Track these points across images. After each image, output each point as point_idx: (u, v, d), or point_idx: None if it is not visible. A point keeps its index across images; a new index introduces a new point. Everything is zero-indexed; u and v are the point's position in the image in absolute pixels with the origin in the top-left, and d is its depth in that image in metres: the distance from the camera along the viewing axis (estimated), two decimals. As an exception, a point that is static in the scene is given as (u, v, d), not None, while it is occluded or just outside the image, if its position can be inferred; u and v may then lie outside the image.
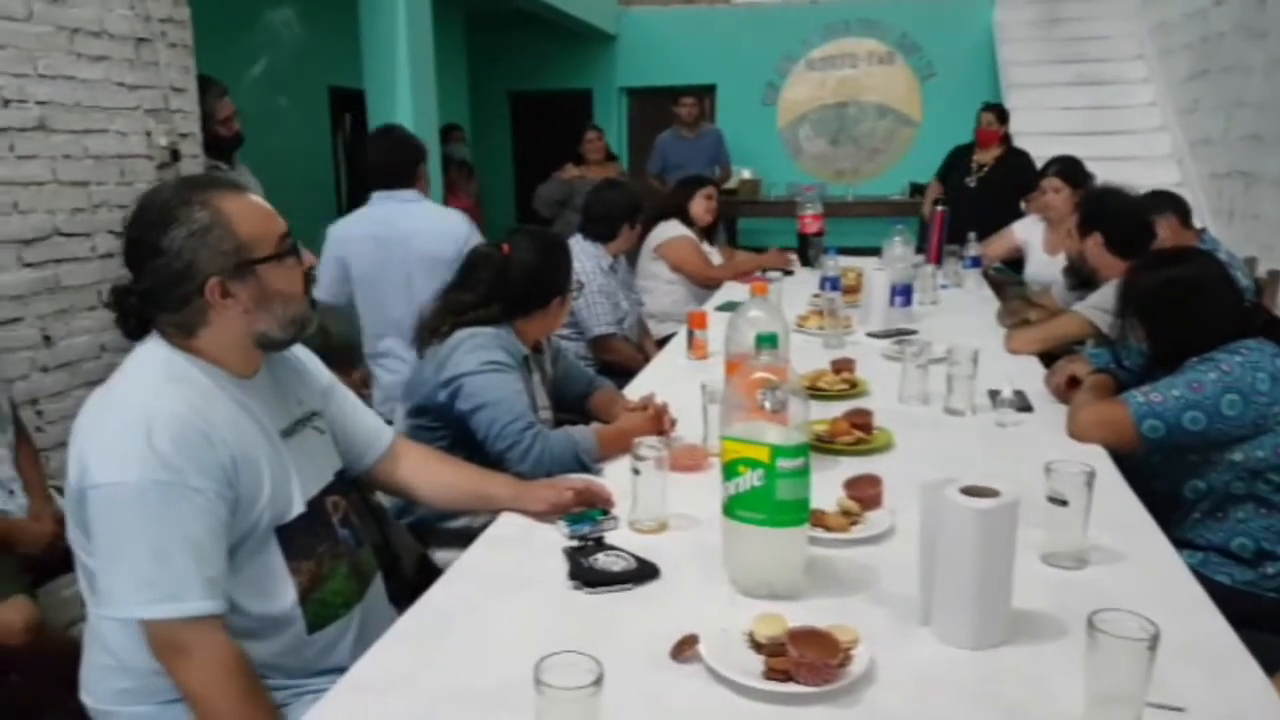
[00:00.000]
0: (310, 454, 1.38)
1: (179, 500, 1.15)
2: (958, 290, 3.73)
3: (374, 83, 5.00)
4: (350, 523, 1.43)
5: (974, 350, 2.09)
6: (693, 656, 1.13)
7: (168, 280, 1.21)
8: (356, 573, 1.41)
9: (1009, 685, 1.10)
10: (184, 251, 1.20)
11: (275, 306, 1.27)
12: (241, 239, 1.23)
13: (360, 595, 1.41)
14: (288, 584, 1.29)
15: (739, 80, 8.58)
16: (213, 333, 1.25)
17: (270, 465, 1.27)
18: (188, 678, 1.16)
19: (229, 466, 1.21)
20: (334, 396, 1.52)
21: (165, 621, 1.15)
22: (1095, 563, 1.39)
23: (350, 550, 1.41)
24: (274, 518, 1.28)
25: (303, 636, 1.30)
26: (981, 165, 4.98)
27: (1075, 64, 6.84)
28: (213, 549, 1.18)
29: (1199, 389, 1.74)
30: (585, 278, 3.18)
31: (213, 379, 1.26)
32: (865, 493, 1.57)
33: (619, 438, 1.80)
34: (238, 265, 1.22)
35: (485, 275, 1.94)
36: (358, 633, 1.37)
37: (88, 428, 1.21)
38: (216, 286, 1.22)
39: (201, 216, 1.21)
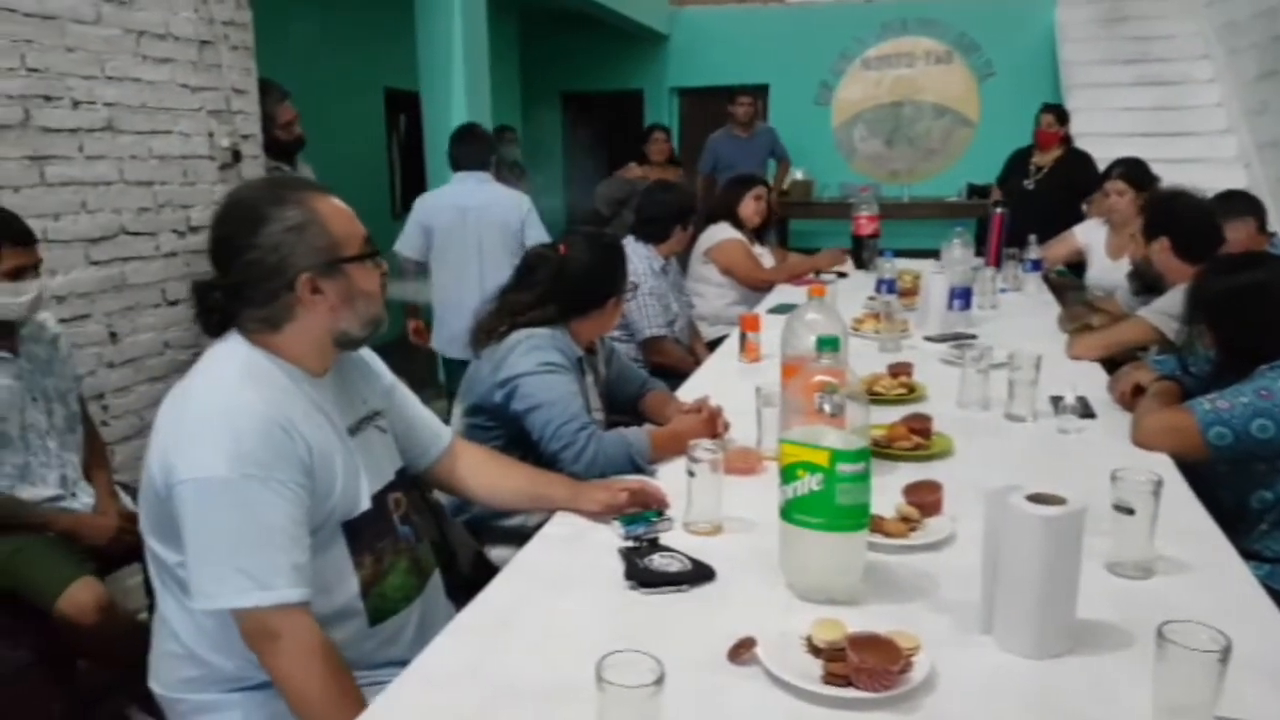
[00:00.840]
0: (374, 452, 1.41)
1: (266, 492, 1.18)
2: (1017, 294, 3.66)
3: (429, 84, 5.07)
4: (410, 519, 1.46)
5: (1036, 356, 2.06)
6: (750, 659, 1.13)
7: (259, 275, 1.24)
8: (416, 568, 1.44)
9: (1072, 696, 1.08)
10: (280, 246, 1.24)
11: (359, 305, 1.31)
12: (334, 237, 1.27)
13: (420, 590, 1.43)
14: (351, 577, 1.31)
15: (792, 80, 8.52)
16: (296, 329, 1.29)
17: (342, 460, 1.31)
18: (277, 662, 1.19)
19: (307, 459, 1.24)
20: (396, 396, 1.55)
21: (256, 610, 1.17)
22: (1161, 572, 1.36)
23: (410, 546, 1.44)
24: (343, 513, 1.31)
25: (364, 629, 1.33)
26: (1040, 167, 4.88)
27: (1139, 64, 6.68)
28: (298, 538, 1.21)
29: (1268, 396, 1.70)
30: (637, 279, 3.18)
31: (289, 376, 1.29)
32: (925, 499, 1.56)
33: (672, 440, 1.80)
34: (329, 263, 1.26)
35: (542, 276, 1.96)
36: (418, 627, 1.39)
37: (170, 426, 1.24)
38: (308, 282, 1.25)
39: (296, 214, 1.25)
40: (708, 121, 7.13)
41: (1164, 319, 2.45)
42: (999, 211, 4.06)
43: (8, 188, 2.55)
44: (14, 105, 2.56)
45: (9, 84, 2.54)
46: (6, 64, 2.53)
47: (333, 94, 5.66)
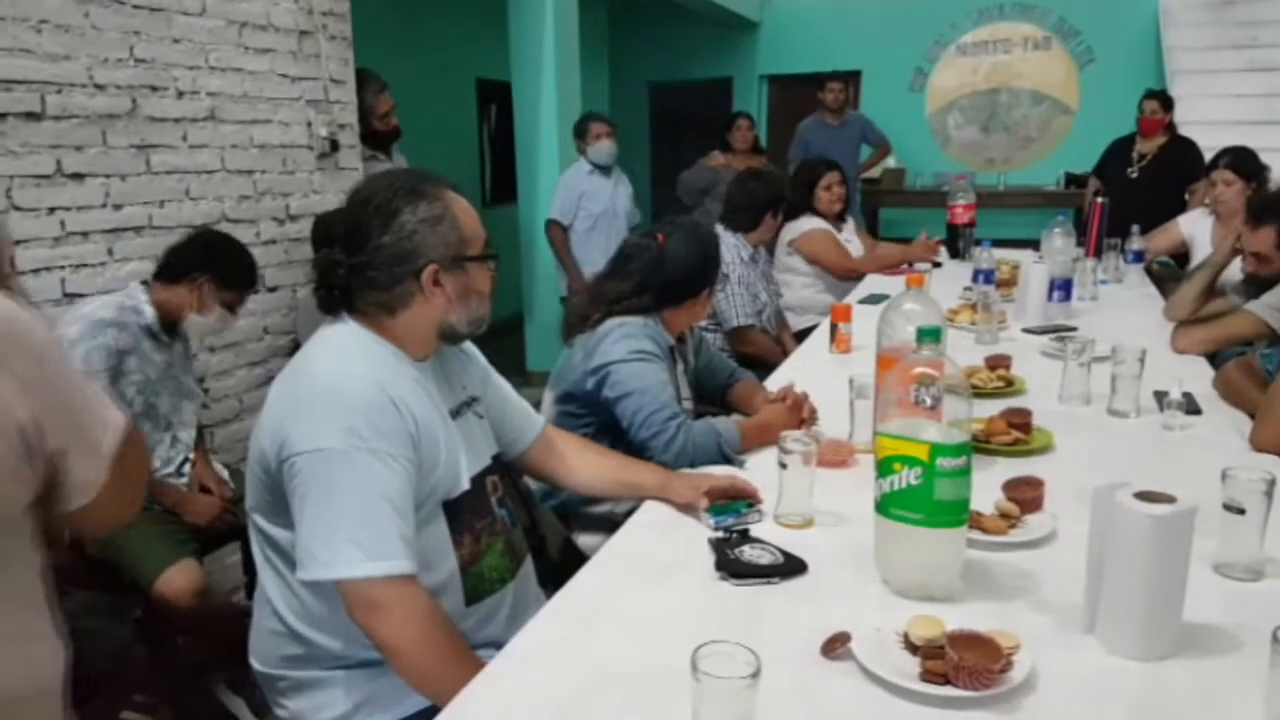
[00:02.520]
0: (472, 436, 1.45)
1: (377, 465, 1.22)
2: (1117, 286, 3.53)
3: (520, 75, 5.14)
4: (506, 503, 1.49)
5: (1141, 349, 1.99)
6: (845, 654, 1.12)
7: (389, 259, 1.29)
8: (511, 551, 1.47)
9: (1178, 699, 1.05)
10: (414, 235, 1.29)
11: (472, 302, 1.36)
12: (463, 234, 1.33)
13: (514, 573, 1.46)
14: (450, 555, 1.35)
15: (886, 66, 8.34)
16: (410, 316, 1.33)
17: (445, 439, 1.35)
18: (389, 632, 1.21)
19: (415, 434, 1.28)
20: (491, 384, 1.59)
21: (367, 580, 1.19)
22: (1272, 575, 1.31)
23: (506, 529, 1.47)
24: (445, 491, 1.35)
25: (461, 608, 1.36)
26: (1144, 155, 4.70)
27: (1248, 49, 6.34)
28: (406, 511, 1.25)
29: None
30: (726, 268, 3.18)
31: (396, 358, 1.34)
32: (1025, 495, 1.52)
33: (761, 430, 1.81)
34: (454, 258, 1.32)
35: (639, 265, 1.98)
36: (511, 609, 1.42)
37: (283, 401, 1.29)
38: (433, 273, 1.30)
39: (434, 207, 1.30)
40: (798, 109, 7.03)
41: (1274, 313, 2.35)
42: (1100, 201, 3.92)
43: (115, 175, 2.66)
44: (123, 95, 2.66)
45: (118, 74, 2.64)
46: (116, 55, 2.63)
47: (426, 84, 5.77)
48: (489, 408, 1.55)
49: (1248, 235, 2.58)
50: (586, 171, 4.70)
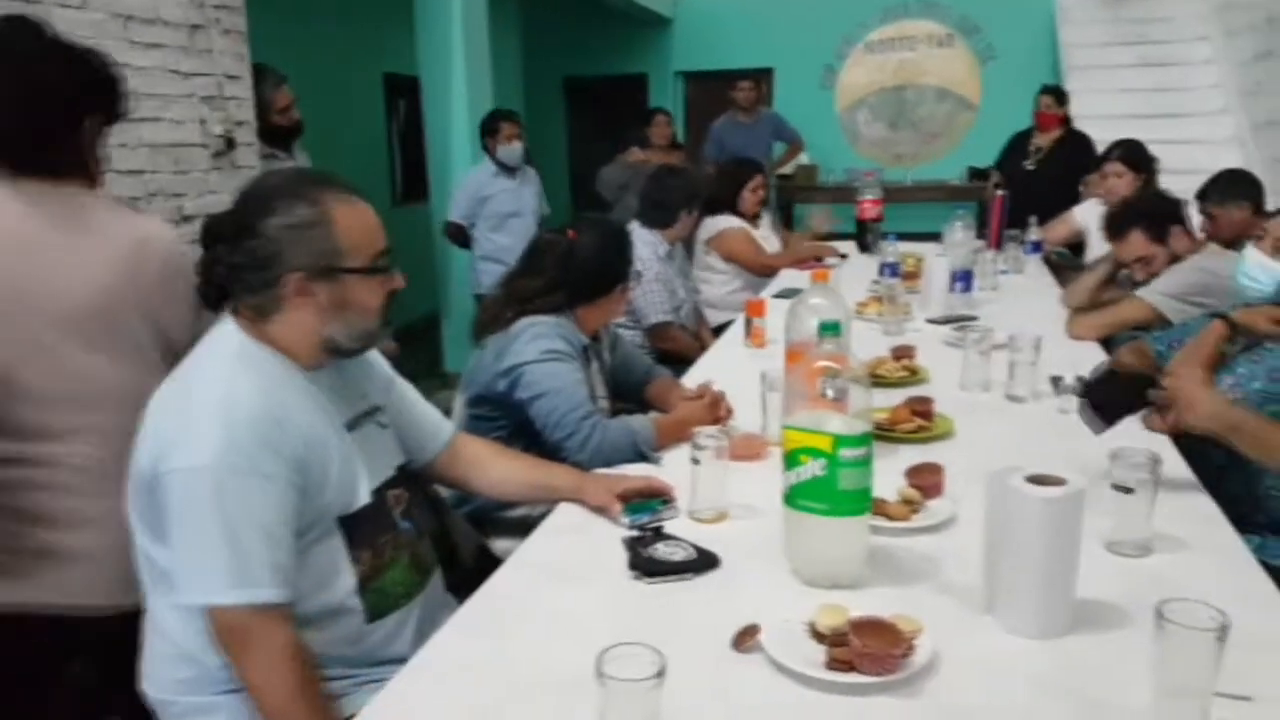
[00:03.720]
0: (373, 448, 1.40)
1: (253, 486, 1.17)
2: (1018, 276, 3.66)
3: (429, 70, 5.05)
4: (411, 514, 1.44)
5: (1037, 337, 2.07)
6: (754, 646, 1.14)
7: (256, 261, 1.24)
8: (417, 564, 1.42)
9: (1074, 675, 1.10)
10: (280, 239, 1.23)
11: (350, 316, 1.29)
12: (338, 244, 1.25)
13: (420, 586, 1.42)
14: (348, 573, 1.30)
15: (796, 64, 8.48)
16: (283, 321, 1.28)
17: (337, 455, 1.30)
18: (247, 665, 1.17)
19: (301, 452, 1.23)
20: (395, 391, 1.54)
21: (232, 608, 1.16)
22: (1160, 550, 1.38)
23: (411, 542, 1.42)
24: (341, 507, 1.30)
25: (362, 625, 1.31)
26: (1040, 148, 4.89)
27: (1138, 45, 6.65)
28: (283, 536, 1.20)
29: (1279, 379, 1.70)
30: (642, 265, 3.17)
31: (283, 367, 1.28)
32: (926, 481, 1.57)
33: (677, 427, 1.81)
34: (325, 268, 1.25)
35: (550, 262, 1.97)
36: (418, 623, 1.38)
37: (163, 413, 1.23)
38: (296, 281, 1.24)
39: (309, 212, 1.24)
40: (714, 105, 7.10)
41: (1164, 299, 2.47)
42: (1000, 194, 4.06)
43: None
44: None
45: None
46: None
47: (330, 79, 5.63)
48: (393, 416, 1.51)
49: (1118, 249, 2.72)
50: (492, 173, 4.62)
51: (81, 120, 1.48)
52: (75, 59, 1.47)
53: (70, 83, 1.46)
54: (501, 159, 4.58)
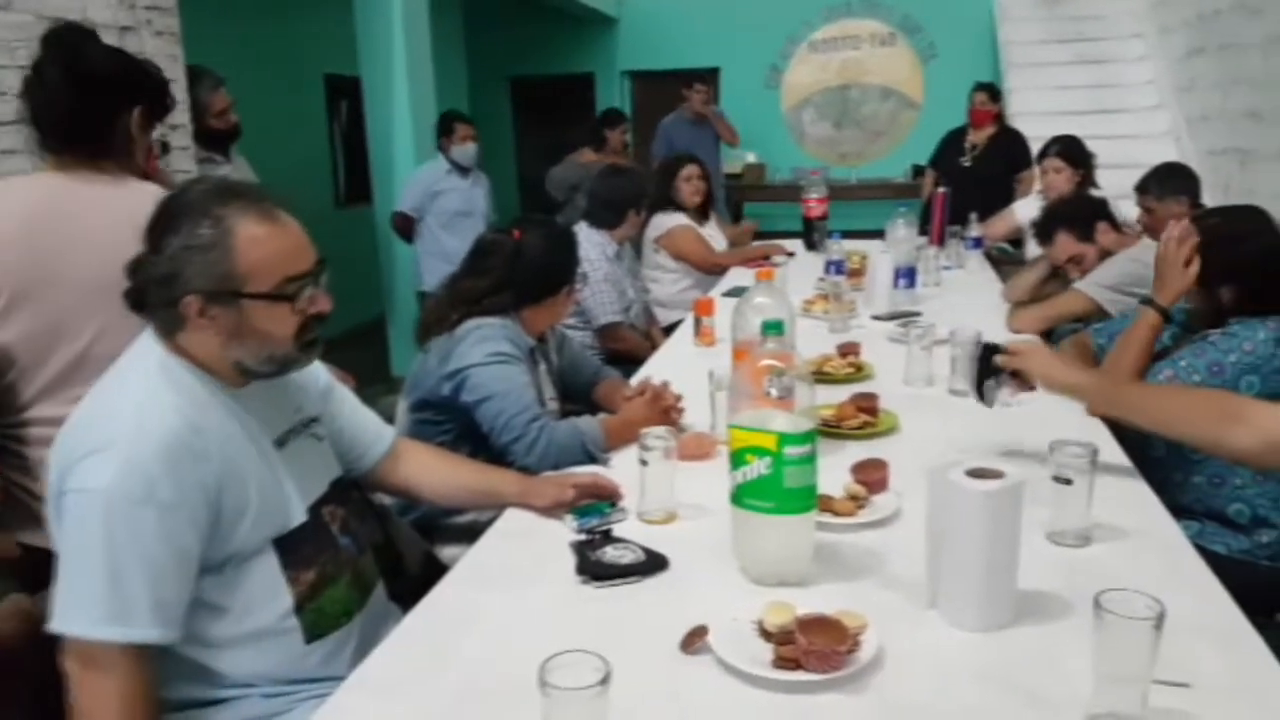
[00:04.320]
0: (307, 463, 1.35)
1: (147, 517, 1.11)
2: (960, 271, 3.72)
3: (370, 70, 4.99)
4: (350, 529, 1.40)
5: (977, 331, 2.09)
6: (703, 647, 1.13)
7: (156, 278, 1.18)
8: (358, 581, 1.38)
9: (1016, 666, 1.11)
10: (174, 260, 1.17)
11: (251, 343, 1.21)
12: (237, 268, 1.17)
13: (362, 604, 1.37)
14: (284, 594, 1.25)
15: (742, 63, 8.53)
16: (189, 340, 1.22)
17: (259, 479, 1.24)
18: (86, 689, 1.11)
19: (211, 485, 1.17)
20: (333, 398, 1.50)
21: (99, 642, 1.10)
22: (1099, 540, 1.40)
23: (352, 558, 1.38)
24: (273, 528, 1.25)
25: (300, 646, 1.27)
26: (975, 145, 4.99)
27: (1075, 43, 6.80)
28: (172, 572, 1.14)
29: (1219, 372, 1.75)
30: (590, 265, 3.18)
31: (205, 385, 1.22)
32: (871, 477, 1.58)
33: (625, 427, 1.80)
34: (222, 292, 1.17)
35: (496, 262, 1.94)
36: (359, 641, 1.33)
37: (76, 423, 1.18)
38: (193, 304, 1.17)
39: (208, 232, 1.17)
40: (661, 105, 7.10)
41: (1101, 290, 2.52)
42: (941, 191, 4.12)
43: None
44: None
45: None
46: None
47: (269, 81, 5.53)
48: (331, 424, 1.46)
49: (1050, 253, 2.79)
50: (445, 170, 4.62)
51: (123, 111, 1.66)
52: (118, 58, 1.69)
53: (112, 77, 1.65)
54: (456, 159, 4.58)
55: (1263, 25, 4.56)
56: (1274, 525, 1.76)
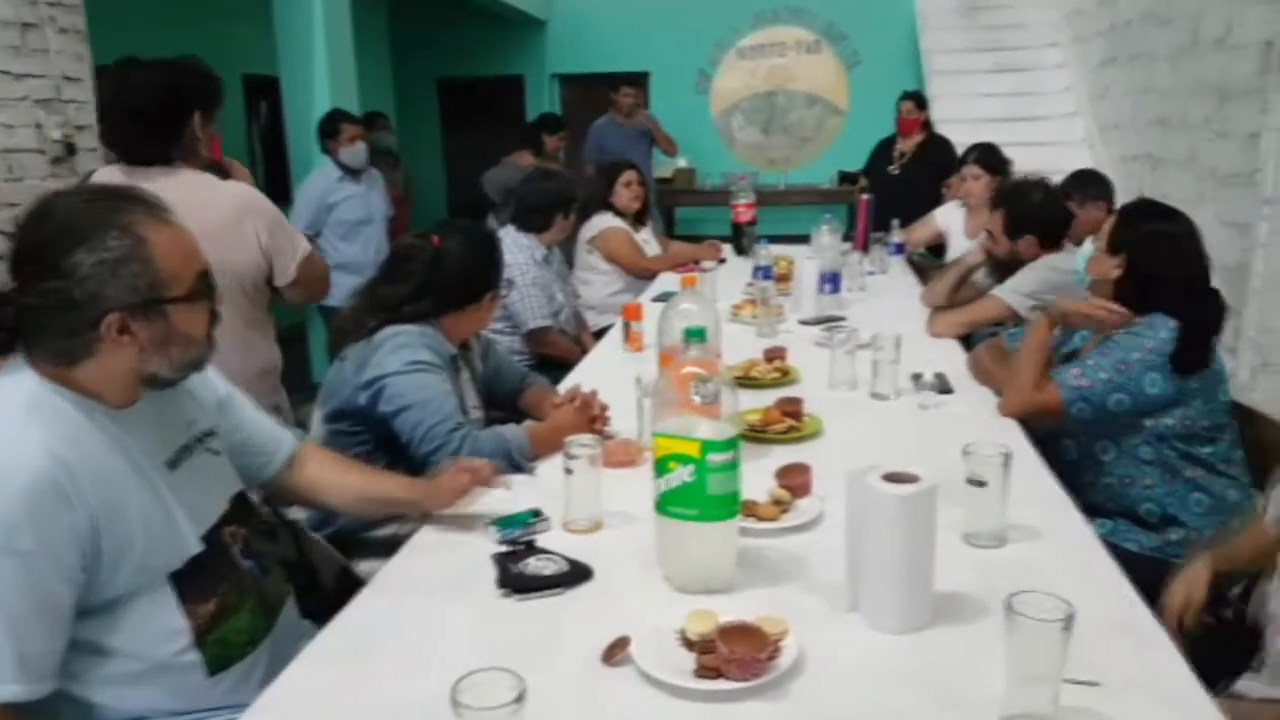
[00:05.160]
0: (203, 482, 1.29)
1: (6, 567, 1.04)
2: (884, 276, 3.79)
3: (289, 70, 4.86)
4: (253, 550, 1.34)
5: (897, 335, 2.13)
6: (625, 659, 1.12)
7: (60, 305, 1.09)
8: (263, 604, 1.32)
9: (934, 667, 1.13)
10: (89, 280, 1.09)
11: (175, 349, 1.17)
12: (158, 275, 1.12)
13: (269, 629, 1.31)
14: (182, 629, 1.19)
15: (672, 68, 8.57)
16: (95, 366, 1.14)
17: (145, 513, 1.16)
18: None
19: (84, 527, 1.09)
20: (231, 408, 1.43)
21: None
22: (1014, 540, 1.43)
23: (255, 582, 1.32)
24: (166, 560, 1.19)
25: (202, 680, 1.21)
26: (904, 153, 5.09)
27: (994, 51, 6.98)
28: (38, 624, 1.07)
29: (1125, 369, 1.80)
30: (518, 270, 3.15)
31: (85, 412, 1.14)
32: (795, 481, 1.59)
33: (552, 434, 1.77)
34: (147, 303, 1.12)
35: (415, 268, 1.89)
36: (268, 667, 1.27)
37: None
38: (116, 322, 1.11)
39: (118, 245, 1.10)
40: (591, 108, 7.09)
41: (1017, 297, 2.59)
42: (865, 198, 4.20)
43: None
44: None
45: None
46: None
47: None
48: (230, 435, 1.39)
49: (989, 215, 2.84)
50: (336, 178, 4.39)
51: (183, 123, 1.96)
52: (176, 72, 1.95)
53: (166, 101, 1.92)
54: (345, 161, 4.35)
55: (1170, 36, 4.76)
56: (1183, 524, 1.83)
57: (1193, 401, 1.78)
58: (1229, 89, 4.08)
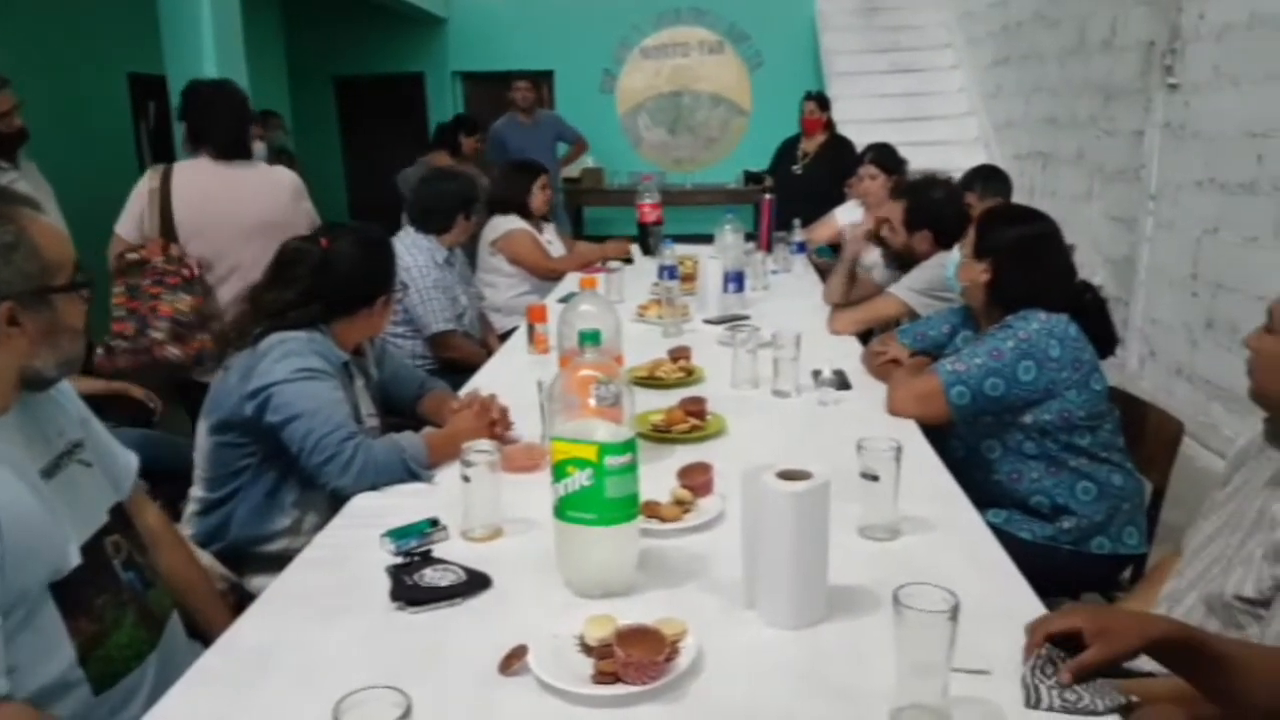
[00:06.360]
0: (79, 492, 1.24)
1: None
2: (788, 275, 3.85)
3: (176, 68, 4.65)
4: (135, 563, 1.29)
5: (796, 334, 2.17)
6: (522, 668, 1.10)
7: None
8: (147, 618, 1.28)
9: (829, 661, 1.14)
10: None
11: (62, 342, 1.17)
12: (45, 261, 1.13)
13: (154, 643, 1.27)
14: (66, 645, 1.14)
15: (576, 67, 8.56)
16: None
17: (37, 513, 1.13)
18: None
19: None
20: (90, 427, 1.37)
21: None
22: (908, 533, 1.46)
23: (137, 594, 1.27)
24: (49, 573, 1.14)
25: (89, 700, 1.16)
26: (807, 153, 5.18)
27: (891, 52, 7.18)
28: None
29: (998, 356, 1.87)
30: (418, 272, 3.09)
31: None
32: (697, 480, 1.59)
33: (450, 441, 1.73)
34: (37, 291, 1.12)
35: (302, 272, 1.82)
36: (155, 682, 1.23)
37: None
38: (7, 312, 1.10)
39: (5, 233, 1.10)
40: (494, 106, 7.02)
41: (912, 294, 2.66)
42: (768, 197, 4.26)
43: None
44: None
45: None
46: None
47: (64, 81, 5.09)
48: (95, 449, 1.33)
49: (889, 205, 2.91)
50: None
51: (246, 129, 2.91)
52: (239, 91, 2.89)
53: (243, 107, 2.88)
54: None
55: (1058, 37, 4.97)
56: (1074, 512, 1.90)
57: (1067, 393, 1.85)
58: (1114, 88, 4.28)
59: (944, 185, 2.83)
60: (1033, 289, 1.94)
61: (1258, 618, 1.24)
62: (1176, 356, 3.68)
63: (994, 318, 1.99)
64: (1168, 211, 3.77)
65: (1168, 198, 3.76)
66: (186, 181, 2.72)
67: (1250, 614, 1.25)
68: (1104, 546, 1.91)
